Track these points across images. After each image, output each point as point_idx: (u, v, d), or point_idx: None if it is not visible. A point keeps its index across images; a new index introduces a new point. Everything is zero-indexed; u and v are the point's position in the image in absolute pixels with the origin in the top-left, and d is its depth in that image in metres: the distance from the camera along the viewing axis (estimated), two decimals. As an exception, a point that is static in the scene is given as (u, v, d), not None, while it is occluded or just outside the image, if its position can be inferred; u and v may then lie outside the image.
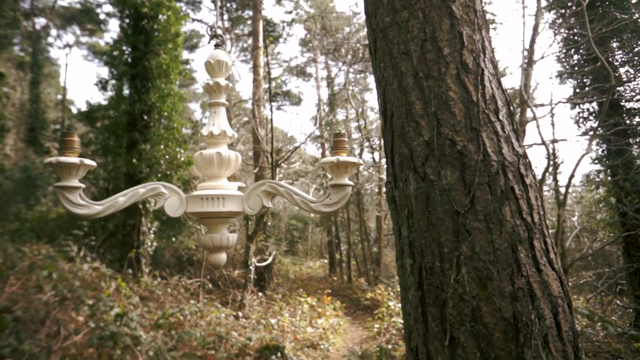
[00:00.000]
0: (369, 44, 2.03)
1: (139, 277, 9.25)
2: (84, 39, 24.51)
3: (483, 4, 1.89)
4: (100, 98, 19.53)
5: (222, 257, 1.37)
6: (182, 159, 10.49)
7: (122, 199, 1.24)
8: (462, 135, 1.60)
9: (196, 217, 1.38)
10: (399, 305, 10.42)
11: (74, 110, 15.27)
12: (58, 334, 5.04)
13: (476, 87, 1.66)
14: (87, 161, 1.17)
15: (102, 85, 11.01)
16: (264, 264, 11.92)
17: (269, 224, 13.84)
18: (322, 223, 21.75)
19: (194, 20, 20.38)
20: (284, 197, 1.28)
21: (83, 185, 1.19)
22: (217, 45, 1.50)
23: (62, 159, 1.13)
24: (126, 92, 10.84)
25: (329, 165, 1.24)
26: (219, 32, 1.53)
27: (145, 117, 10.00)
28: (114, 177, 11.04)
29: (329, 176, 1.30)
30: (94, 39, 24.13)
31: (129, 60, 10.62)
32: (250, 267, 10.83)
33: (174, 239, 12.18)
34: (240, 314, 9.07)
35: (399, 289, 10.99)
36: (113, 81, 11.25)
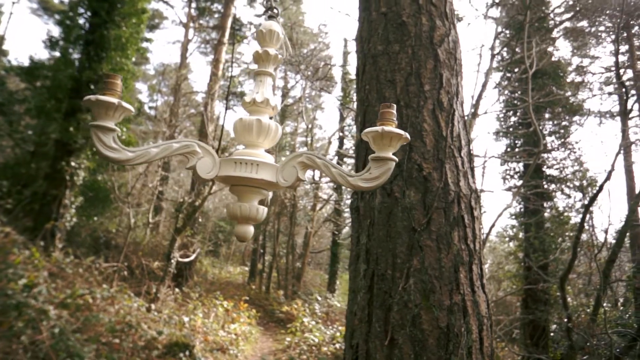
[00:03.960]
0: (357, 66, 2.21)
1: (51, 252, 8.67)
2: (35, -9, 22.81)
3: (461, 54, 2.14)
4: (44, 56, 18.19)
5: (249, 229, 1.29)
6: (123, 137, 10.07)
7: (154, 150, 1.17)
8: (429, 163, 1.81)
9: (227, 183, 1.33)
10: (313, 322, 10.58)
11: (10, 63, 14.06)
12: (-46, 295, 4.63)
13: (447, 124, 1.88)
14: (125, 104, 1.10)
15: (51, 44, 10.37)
16: (186, 259, 11.61)
17: (199, 220, 13.55)
18: (251, 230, 21.51)
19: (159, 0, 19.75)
20: (321, 170, 1.19)
21: (117, 129, 1.15)
22: (270, 17, 1.52)
23: (102, 97, 1.06)
24: (76, 56, 10.27)
25: (372, 136, 1.12)
26: (274, 4, 1.56)
27: (92, 87, 9.52)
28: (43, 141, 10.33)
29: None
30: (47, -6, 22.54)
31: (87, 25, 10.13)
32: (172, 261, 10.52)
33: (95, 218, 11.53)
34: (152, 306, 8.76)
35: (315, 307, 11.07)
36: (62, 42, 10.62)
